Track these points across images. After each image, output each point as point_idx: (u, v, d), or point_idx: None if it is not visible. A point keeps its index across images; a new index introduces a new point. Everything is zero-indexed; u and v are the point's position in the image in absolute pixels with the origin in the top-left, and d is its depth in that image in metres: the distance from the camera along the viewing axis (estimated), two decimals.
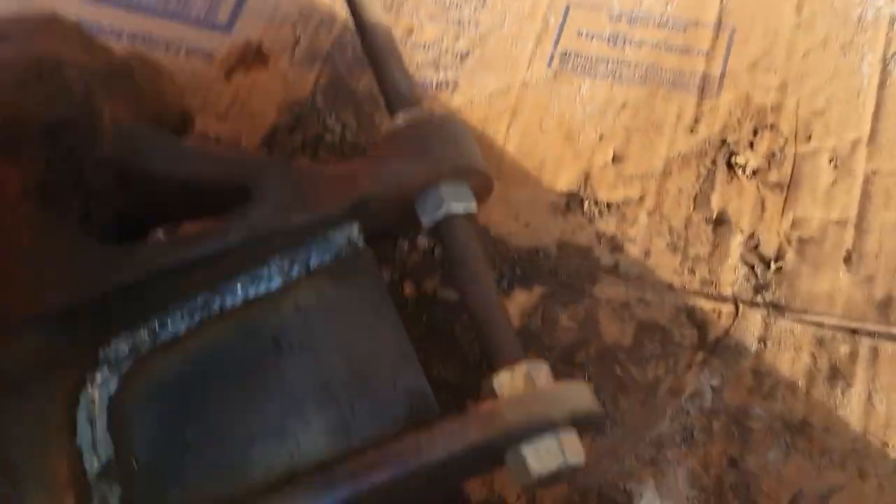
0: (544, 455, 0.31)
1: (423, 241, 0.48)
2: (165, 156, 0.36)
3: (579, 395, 0.33)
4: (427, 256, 0.47)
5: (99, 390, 0.34)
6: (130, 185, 0.35)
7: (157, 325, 0.35)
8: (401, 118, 0.39)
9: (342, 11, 0.55)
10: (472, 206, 0.37)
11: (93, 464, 0.33)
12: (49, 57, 0.33)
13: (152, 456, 0.33)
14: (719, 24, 0.51)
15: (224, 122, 0.52)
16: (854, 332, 0.42)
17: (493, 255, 0.46)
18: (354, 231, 0.37)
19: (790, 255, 0.45)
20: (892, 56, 0.48)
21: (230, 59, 0.54)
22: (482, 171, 0.38)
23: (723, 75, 0.50)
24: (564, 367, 0.44)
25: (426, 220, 0.37)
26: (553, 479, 0.32)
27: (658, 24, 0.52)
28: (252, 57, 0.54)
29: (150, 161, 0.36)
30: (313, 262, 0.36)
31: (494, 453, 0.32)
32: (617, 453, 0.41)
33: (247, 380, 0.34)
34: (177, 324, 0.35)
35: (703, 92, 0.49)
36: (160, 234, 0.38)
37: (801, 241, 0.45)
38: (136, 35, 0.56)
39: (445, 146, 0.37)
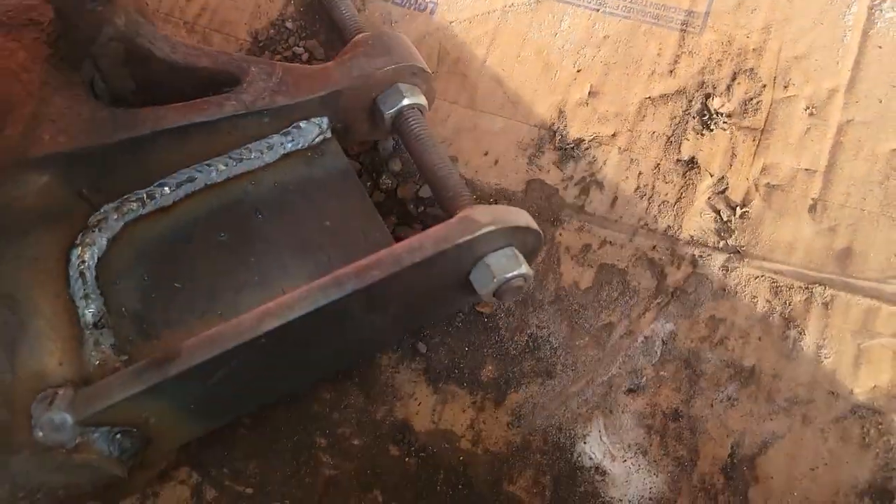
0: (504, 262, 0.38)
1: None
2: (167, 44, 0.41)
3: (526, 215, 0.39)
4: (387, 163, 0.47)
5: (89, 250, 0.38)
6: (133, 64, 0.40)
7: (144, 196, 0.40)
8: (360, 34, 0.45)
9: None
10: (423, 100, 0.43)
11: (85, 314, 0.37)
12: None
13: (141, 306, 0.38)
14: None
15: (192, 34, 0.50)
16: (811, 281, 0.43)
17: None
18: (324, 123, 0.43)
19: (756, 202, 0.45)
20: (878, 5, 0.47)
21: None
22: (428, 71, 0.43)
23: (707, 14, 0.48)
24: (520, 304, 0.44)
25: (388, 112, 0.42)
26: (509, 291, 0.38)
27: None
28: None
29: (153, 45, 0.40)
30: (289, 147, 0.42)
31: (465, 263, 0.38)
32: (565, 396, 0.42)
33: (230, 241, 0.40)
34: (164, 196, 0.40)
35: (685, 30, 0.48)
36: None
37: (769, 187, 0.45)
38: None
39: (400, 50, 0.43)
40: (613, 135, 0.47)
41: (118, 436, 0.35)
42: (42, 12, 0.40)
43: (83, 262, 0.39)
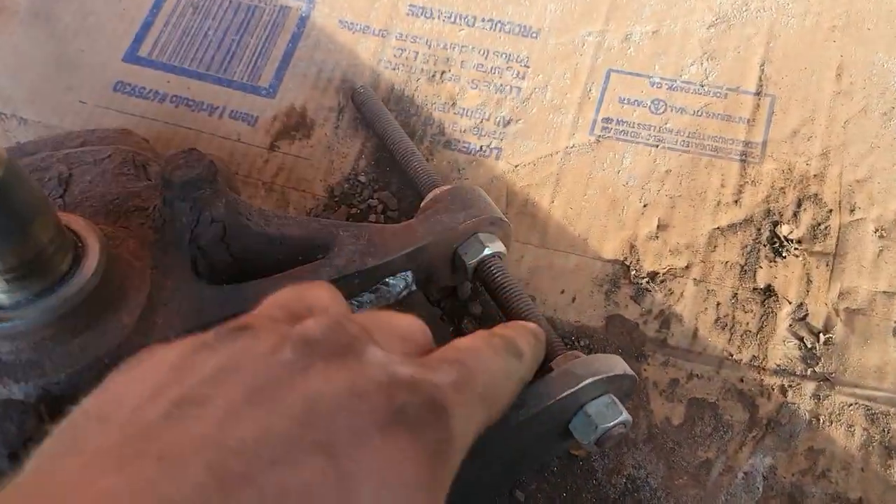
0: (605, 411, 0.38)
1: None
2: (261, 217, 0.43)
3: (621, 361, 0.39)
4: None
5: None
6: (230, 239, 0.42)
7: None
8: (437, 189, 0.47)
9: (386, 73, 0.56)
10: (502, 247, 0.45)
11: None
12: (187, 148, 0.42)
13: None
14: (760, 92, 0.52)
15: (270, 193, 0.53)
16: None
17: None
18: (409, 277, 0.44)
19: (839, 327, 0.45)
20: None
21: (275, 126, 0.55)
22: (505, 220, 0.46)
23: (764, 143, 0.50)
24: (615, 444, 0.44)
25: (470, 262, 0.45)
26: (610, 438, 0.38)
27: (699, 92, 0.52)
28: (296, 124, 0.55)
29: (250, 220, 0.42)
30: (378, 304, 0.44)
31: (565, 413, 0.38)
32: None
33: None
34: None
35: (745, 160, 0.50)
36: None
37: (850, 311, 0.45)
38: (178, 97, 0.56)
39: (478, 202, 0.45)
40: (687, 266, 0.48)
41: None
42: (146, 198, 0.42)
43: None
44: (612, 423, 0.38)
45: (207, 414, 0.23)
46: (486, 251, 0.44)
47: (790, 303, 0.46)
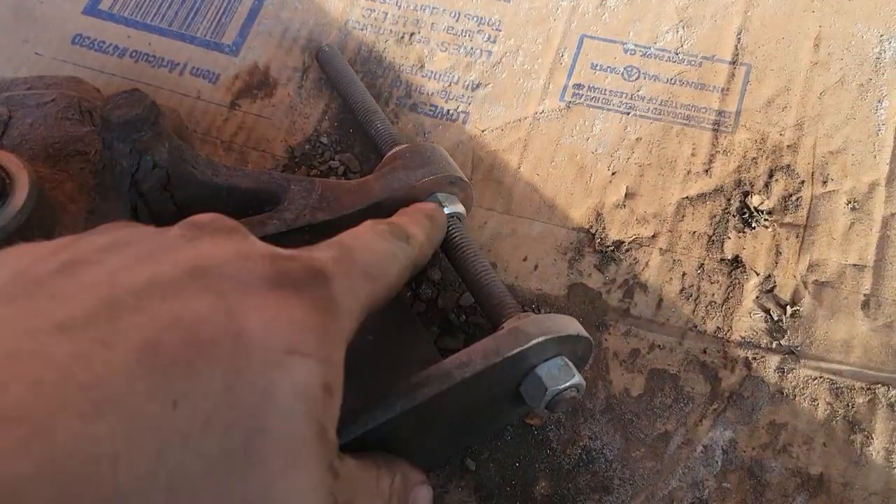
0: (556, 373, 0.37)
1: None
2: (208, 166, 0.42)
3: (575, 323, 0.38)
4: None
5: None
6: (175, 188, 0.40)
7: None
8: (397, 147, 0.45)
9: (354, 34, 0.54)
10: (461, 208, 0.44)
11: None
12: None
13: None
14: (735, 61, 0.50)
15: (229, 152, 0.51)
16: (872, 381, 0.41)
17: None
18: None
19: (806, 300, 0.44)
20: None
21: (236, 84, 0.53)
22: (465, 180, 0.44)
23: (738, 112, 0.49)
24: (570, 414, 0.42)
25: None
26: (561, 402, 0.37)
27: (673, 60, 0.51)
28: (258, 83, 0.53)
29: (196, 169, 0.41)
30: None
31: (515, 375, 0.37)
32: None
33: None
34: None
35: (717, 129, 0.49)
36: None
37: (818, 284, 0.44)
38: (138, 52, 0.55)
39: (438, 161, 0.44)
40: (653, 236, 0.46)
41: None
42: (88, 143, 0.41)
43: None
44: (563, 386, 0.36)
45: (98, 269, 0.24)
46: (445, 211, 0.43)
47: (758, 274, 0.45)
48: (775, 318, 0.43)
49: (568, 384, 0.36)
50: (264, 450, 0.23)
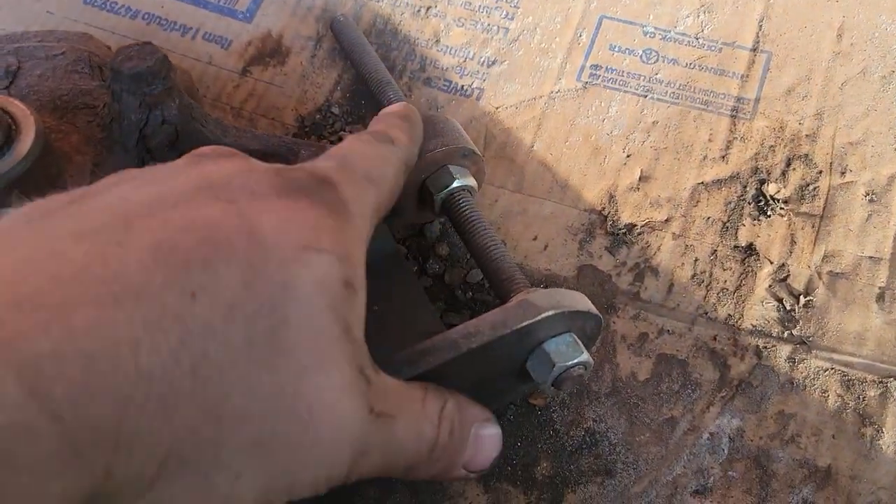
0: (564, 350, 0.36)
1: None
2: (218, 127, 0.41)
3: (586, 299, 0.37)
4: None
5: None
6: (183, 146, 0.39)
7: None
8: None
9: (369, 5, 0.53)
10: (473, 182, 0.43)
11: None
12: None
13: None
14: (756, 48, 0.49)
15: (238, 119, 0.50)
16: (885, 374, 0.40)
17: None
18: None
19: (820, 290, 0.43)
20: None
21: (249, 51, 0.52)
22: (478, 153, 0.43)
23: (757, 100, 0.48)
24: (575, 396, 0.42)
25: (438, 195, 0.42)
26: (568, 380, 0.36)
27: (693, 44, 0.50)
28: (271, 51, 0.53)
29: (205, 128, 0.40)
30: None
31: (522, 349, 0.36)
32: (627, 497, 0.39)
33: None
34: None
35: (736, 115, 0.48)
36: None
37: (833, 275, 0.43)
38: (151, 15, 0.54)
39: (451, 132, 0.42)
40: (667, 220, 0.46)
41: None
42: (96, 97, 0.40)
43: None
44: (571, 363, 0.36)
45: (109, 195, 0.25)
46: (456, 184, 0.42)
47: (771, 263, 0.44)
48: (788, 308, 0.43)
49: (576, 361, 0.36)
50: (290, 342, 0.24)
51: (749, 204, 0.45)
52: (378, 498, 0.40)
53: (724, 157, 0.47)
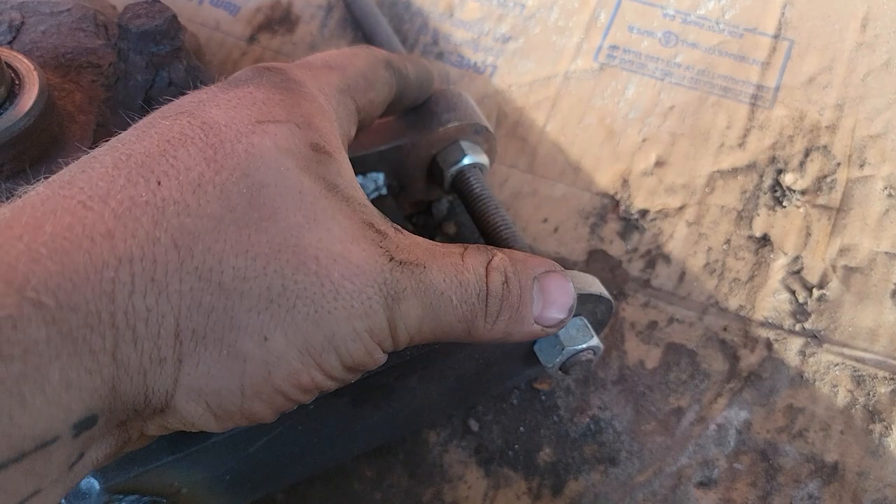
0: (574, 333, 0.34)
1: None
2: None
3: (598, 283, 0.36)
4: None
5: None
6: None
7: None
8: None
9: None
10: (485, 159, 0.42)
11: None
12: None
13: None
14: (778, 35, 0.48)
15: None
16: None
17: None
18: (380, 179, 0.41)
19: (834, 284, 0.42)
20: None
21: (257, 18, 0.51)
22: (491, 130, 0.42)
23: (777, 88, 0.47)
24: (581, 382, 0.41)
25: (449, 171, 0.41)
26: (577, 365, 0.35)
27: (714, 29, 0.49)
28: (279, 18, 0.51)
29: None
30: None
31: None
32: (630, 486, 0.38)
33: None
34: None
35: (755, 103, 0.47)
36: None
37: (848, 269, 0.42)
38: None
39: (464, 107, 0.42)
40: (681, 207, 0.45)
41: None
42: (101, 55, 0.39)
43: None
44: (580, 347, 0.35)
45: None
46: (467, 160, 0.41)
47: (786, 254, 0.43)
48: (800, 301, 0.42)
49: (586, 345, 0.35)
50: (273, 203, 0.24)
51: (765, 194, 0.44)
52: (375, 479, 0.39)
53: (741, 145, 0.46)
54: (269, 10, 0.51)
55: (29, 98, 0.32)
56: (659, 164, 0.46)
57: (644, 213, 0.45)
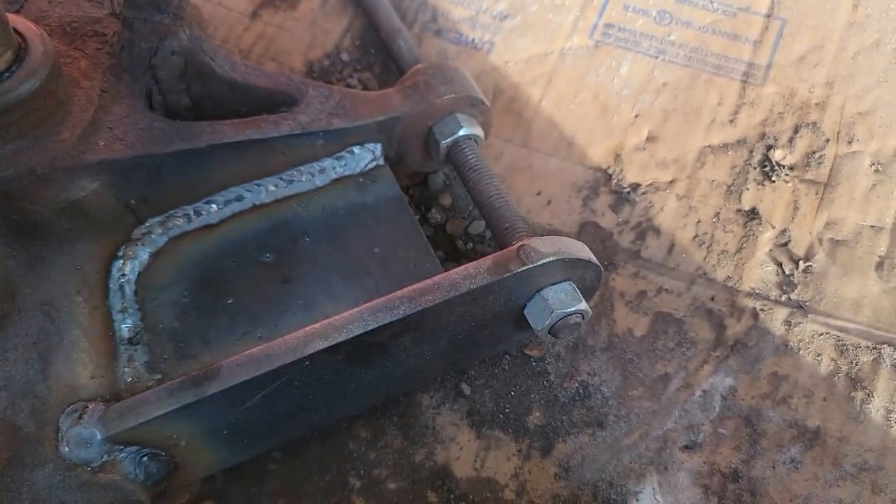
0: (563, 297, 0.36)
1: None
2: (227, 62, 0.41)
3: (587, 249, 0.37)
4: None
5: (130, 263, 0.38)
6: (191, 79, 0.40)
7: (191, 212, 0.39)
8: (420, 65, 0.44)
9: None
10: (480, 131, 0.43)
11: (121, 328, 0.36)
12: None
13: (179, 324, 0.37)
14: (770, 14, 0.49)
15: (247, 61, 0.50)
16: (879, 341, 0.41)
17: None
18: (378, 150, 0.42)
19: (820, 256, 0.43)
20: None
21: None
22: (486, 103, 0.42)
23: (769, 66, 0.48)
24: (571, 349, 0.42)
25: (444, 142, 0.42)
26: (565, 328, 0.36)
27: (707, 8, 0.50)
28: None
29: (214, 62, 0.40)
30: (340, 172, 0.42)
31: (521, 294, 0.36)
32: (617, 449, 0.39)
33: (275, 262, 0.39)
34: (211, 213, 0.40)
35: (746, 81, 0.48)
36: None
37: (834, 242, 0.43)
38: None
39: (460, 81, 0.43)
40: (671, 181, 0.46)
41: (145, 458, 0.33)
42: (106, 25, 0.40)
43: (124, 275, 0.37)
44: (569, 310, 0.36)
45: None
46: (462, 131, 0.42)
47: (773, 227, 0.44)
48: (787, 272, 0.43)
49: (573, 309, 0.36)
50: None
51: (755, 169, 0.45)
52: (369, 439, 0.40)
53: (732, 122, 0.47)
54: None
55: (35, 61, 0.33)
56: (651, 139, 0.47)
57: (635, 186, 0.46)
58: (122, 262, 0.37)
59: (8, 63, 0.33)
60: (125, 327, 0.36)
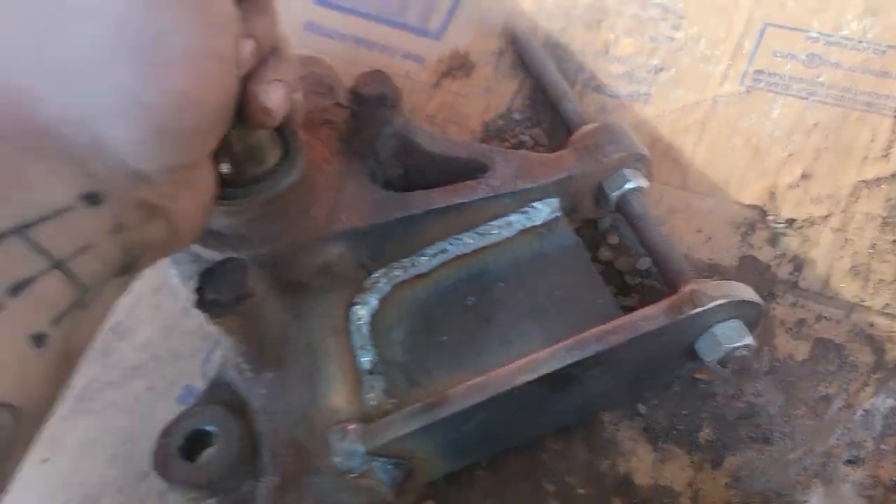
0: (731, 333, 0.41)
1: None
2: (430, 139, 0.50)
3: (750, 290, 0.42)
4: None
5: (364, 308, 0.47)
6: (403, 155, 0.49)
7: (408, 264, 0.48)
8: (587, 126, 0.51)
9: (544, 23, 0.60)
10: (645, 182, 0.49)
11: (362, 362, 0.45)
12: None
13: (405, 357, 0.46)
14: None
15: (432, 126, 0.58)
16: None
17: None
18: (556, 204, 0.49)
19: None
20: None
21: (440, 67, 0.61)
22: (648, 158, 0.49)
23: None
24: (736, 372, 0.47)
25: (614, 194, 0.48)
26: (733, 360, 0.42)
27: (857, 48, 0.53)
28: (459, 66, 0.60)
29: (420, 140, 0.49)
30: (524, 225, 0.49)
31: (692, 332, 0.42)
32: (784, 462, 0.44)
33: (476, 305, 0.47)
34: (422, 264, 0.48)
35: None
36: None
37: None
38: (356, 38, 0.63)
39: (625, 139, 0.49)
40: (826, 216, 0.49)
41: (391, 467, 0.42)
42: (335, 114, 0.49)
43: (360, 318, 0.47)
44: (737, 345, 0.41)
45: None
46: (629, 185, 0.48)
47: None
48: None
49: (741, 343, 0.41)
50: None
51: None
52: (560, 451, 0.47)
53: (885, 156, 0.50)
54: (448, 58, 0.61)
55: (297, 157, 0.43)
56: (804, 176, 0.51)
57: (791, 221, 0.50)
58: (358, 307, 0.47)
59: (276, 160, 0.43)
60: (365, 360, 0.45)
